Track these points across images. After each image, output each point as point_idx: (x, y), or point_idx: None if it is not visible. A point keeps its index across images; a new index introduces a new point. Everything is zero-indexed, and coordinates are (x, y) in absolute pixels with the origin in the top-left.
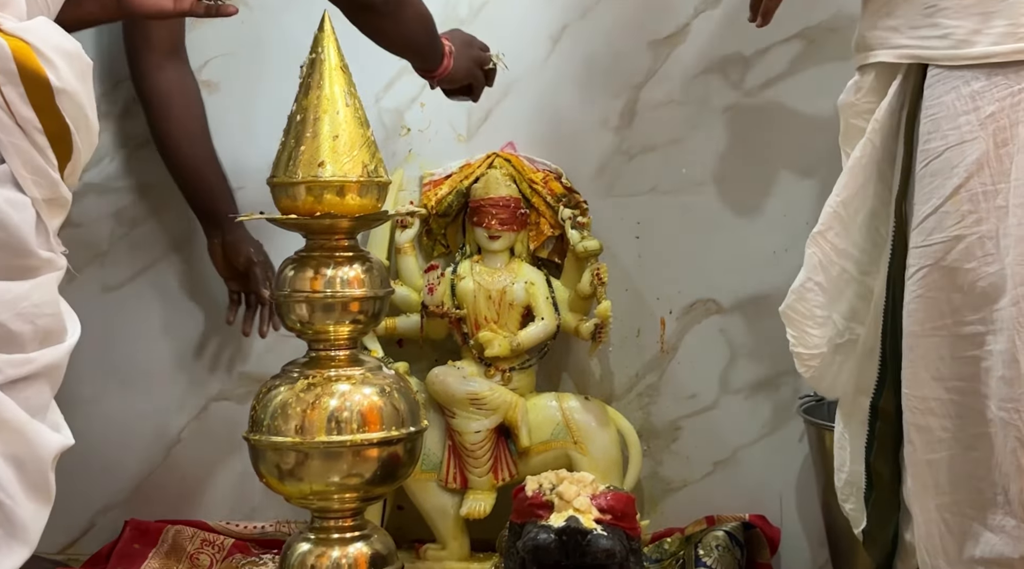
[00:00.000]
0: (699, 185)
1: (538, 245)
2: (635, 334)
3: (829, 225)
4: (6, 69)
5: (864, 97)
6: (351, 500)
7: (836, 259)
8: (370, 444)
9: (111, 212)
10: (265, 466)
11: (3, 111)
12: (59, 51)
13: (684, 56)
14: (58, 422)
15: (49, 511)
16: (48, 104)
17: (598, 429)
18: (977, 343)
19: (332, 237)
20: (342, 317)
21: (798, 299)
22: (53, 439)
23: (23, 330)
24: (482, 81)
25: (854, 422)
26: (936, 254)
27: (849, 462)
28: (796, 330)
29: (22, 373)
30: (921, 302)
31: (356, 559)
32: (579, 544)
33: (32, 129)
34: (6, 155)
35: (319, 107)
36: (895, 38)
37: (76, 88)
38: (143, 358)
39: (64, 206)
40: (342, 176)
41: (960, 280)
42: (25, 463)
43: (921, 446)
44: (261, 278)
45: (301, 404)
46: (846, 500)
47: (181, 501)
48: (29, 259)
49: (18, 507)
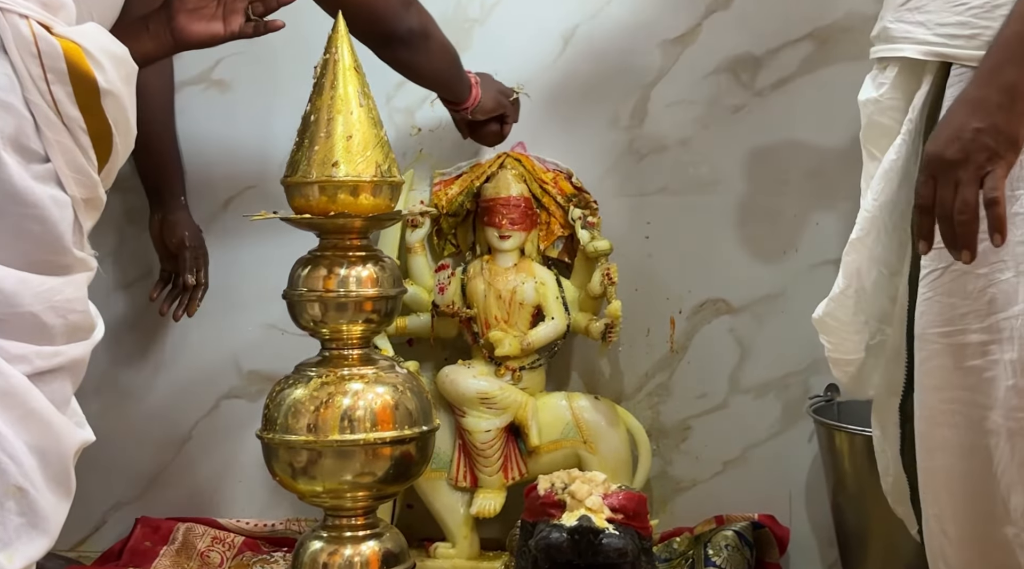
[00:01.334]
0: (709, 185)
1: (548, 245)
2: (645, 334)
3: (867, 230)
4: (56, 68)
5: (888, 94)
6: (363, 498)
7: (873, 264)
8: (383, 443)
9: (123, 211)
10: (278, 464)
11: (51, 110)
12: (108, 54)
13: (695, 56)
14: (79, 416)
15: (68, 505)
16: (94, 105)
17: (608, 428)
18: (980, 352)
19: (345, 237)
20: (355, 316)
21: (838, 307)
22: (76, 433)
23: (55, 323)
24: (512, 111)
25: (889, 425)
26: (949, 257)
27: (892, 466)
28: (835, 337)
29: (50, 365)
30: (929, 305)
31: (368, 557)
32: (591, 543)
33: (77, 128)
34: (51, 153)
35: (333, 107)
36: (921, 33)
37: (121, 90)
38: (154, 356)
39: (99, 208)
40: (356, 176)
41: (970, 286)
42: (48, 455)
43: (920, 452)
44: (189, 263)
45: (314, 403)
46: (897, 503)
47: (192, 499)
48: (64, 257)
49: (41, 497)
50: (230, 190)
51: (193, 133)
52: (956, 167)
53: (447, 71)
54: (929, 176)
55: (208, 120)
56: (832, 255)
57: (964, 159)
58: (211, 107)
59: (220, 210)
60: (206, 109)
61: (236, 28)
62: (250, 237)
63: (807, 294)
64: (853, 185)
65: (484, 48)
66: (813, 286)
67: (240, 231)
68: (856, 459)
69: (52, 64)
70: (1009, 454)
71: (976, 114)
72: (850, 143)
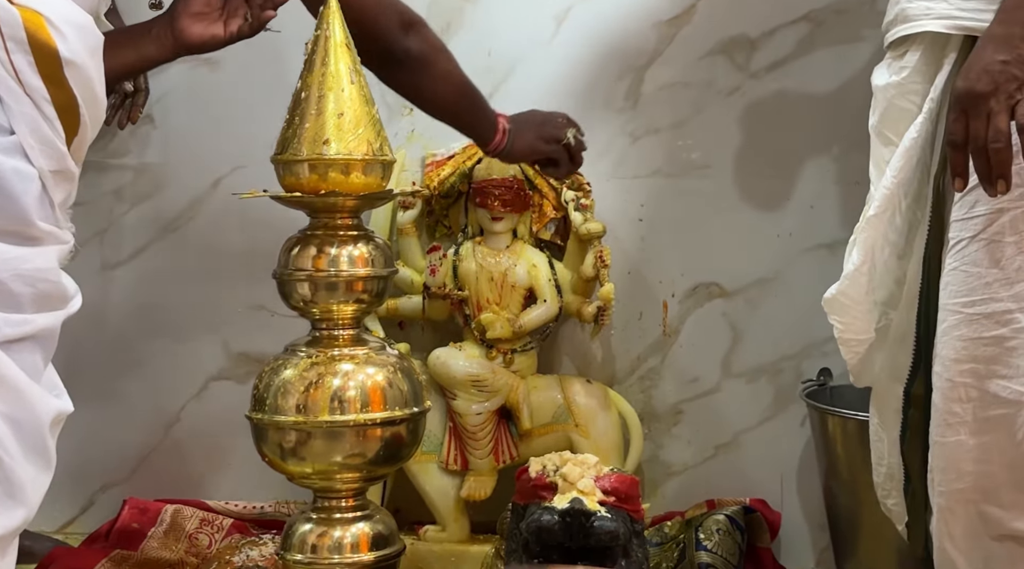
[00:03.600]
0: (703, 168)
1: (541, 227)
2: (637, 317)
3: (885, 208)
4: (16, 37)
5: (910, 77)
6: (353, 480)
7: (885, 244)
8: (373, 424)
9: (111, 190)
10: (267, 445)
11: (12, 79)
12: (69, 22)
13: (690, 37)
14: (57, 387)
15: (49, 479)
16: (56, 75)
17: (599, 412)
18: (1004, 321)
19: (336, 216)
20: (346, 296)
21: (852, 284)
22: (51, 402)
23: (23, 291)
24: (563, 156)
25: (888, 411)
26: (977, 227)
27: (887, 455)
28: (846, 316)
29: (19, 333)
30: (956, 275)
31: (358, 539)
32: (583, 526)
33: (40, 98)
34: (15, 123)
35: (324, 84)
36: (943, 8)
37: (85, 61)
38: (143, 337)
39: (71, 180)
40: (347, 154)
41: (998, 254)
42: (23, 424)
43: (934, 428)
44: None
45: (304, 383)
46: (887, 496)
47: (180, 480)
48: (30, 229)
49: (17, 466)
50: (219, 170)
51: (182, 111)
52: (987, 99)
53: (456, 103)
54: (960, 112)
55: (197, 99)
56: (826, 239)
57: (994, 90)
58: (201, 86)
59: (209, 189)
60: (195, 88)
61: (235, 29)
62: (239, 216)
63: (800, 278)
64: (847, 168)
65: (476, 29)
66: (806, 270)
67: (229, 211)
68: (849, 443)
69: (11, 33)
70: None
71: (1001, 49)
72: (845, 126)
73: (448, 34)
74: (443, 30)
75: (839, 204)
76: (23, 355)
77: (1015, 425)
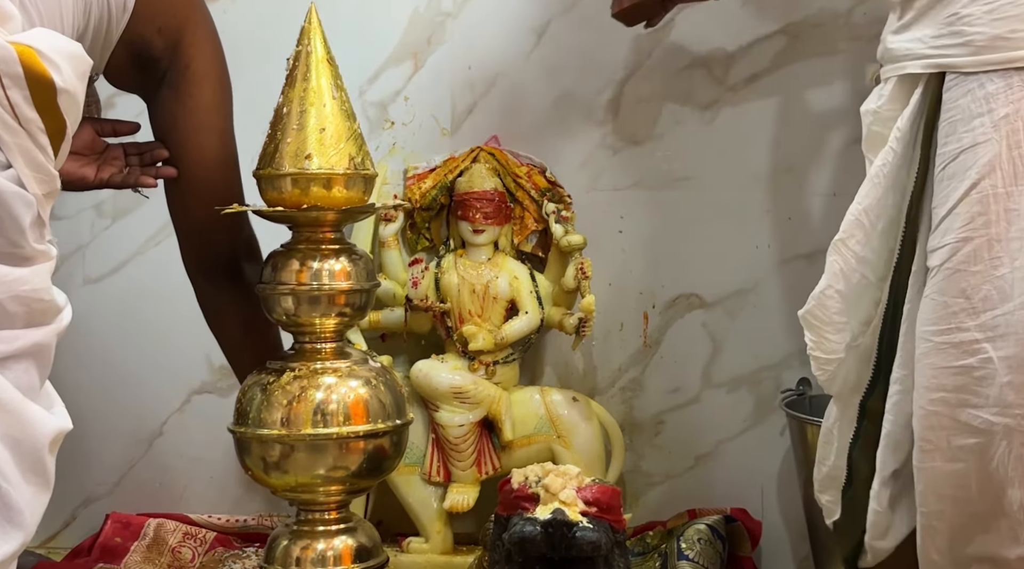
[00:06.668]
0: (683, 180)
1: (522, 239)
2: (618, 328)
3: (851, 233)
4: (12, 73)
5: (886, 105)
6: (336, 493)
7: (856, 266)
8: (356, 437)
9: (92, 205)
10: (250, 459)
11: (8, 114)
12: (62, 53)
13: (668, 51)
14: (56, 405)
15: (48, 498)
16: (50, 104)
17: (581, 423)
18: (972, 351)
19: (318, 230)
20: (328, 310)
21: (818, 305)
22: (49, 421)
23: (16, 311)
24: None
25: (844, 419)
26: (944, 255)
27: (833, 457)
28: (816, 335)
29: (11, 350)
30: (927, 303)
31: (341, 552)
32: (565, 536)
33: (35, 129)
34: (10, 156)
35: (306, 99)
36: (919, 49)
37: (76, 87)
38: (125, 350)
39: (56, 193)
40: (329, 169)
41: (963, 283)
42: (21, 444)
43: (916, 453)
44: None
45: (287, 396)
46: (823, 491)
47: (163, 494)
48: (24, 249)
49: (14, 490)
50: None
51: None
52: None
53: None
54: None
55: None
56: (804, 250)
57: None
58: None
59: None
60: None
61: (106, 177)
62: None
63: (779, 289)
64: (825, 180)
65: (457, 43)
66: (785, 281)
67: None
68: None
69: (7, 69)
70: (1006, 450)
71: None
72: (822, 138)
73: (429, 49)
74: (424, 45)
75: (817, 216)
76: (17, 372)
77: (988, 453)
